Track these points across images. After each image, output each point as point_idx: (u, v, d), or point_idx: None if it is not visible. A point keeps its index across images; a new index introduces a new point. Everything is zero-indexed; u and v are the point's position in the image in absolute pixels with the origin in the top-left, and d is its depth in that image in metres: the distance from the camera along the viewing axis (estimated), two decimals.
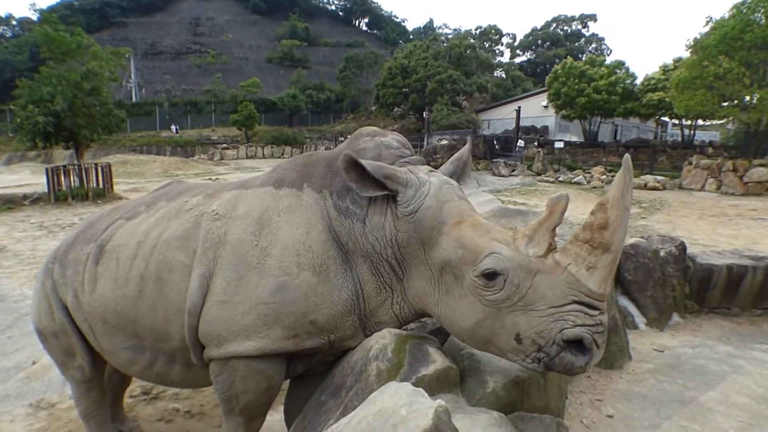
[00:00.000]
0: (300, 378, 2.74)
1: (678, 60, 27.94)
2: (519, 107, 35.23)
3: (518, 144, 31.55)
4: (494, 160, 29.55)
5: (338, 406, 2.20)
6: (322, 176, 2.58)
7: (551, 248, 2.03)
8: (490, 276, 2.05)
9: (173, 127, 49.91)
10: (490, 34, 69.09)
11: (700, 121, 32.27)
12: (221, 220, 2.57)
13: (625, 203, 1.94)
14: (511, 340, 2.05)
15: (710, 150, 29.24)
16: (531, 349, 2.02)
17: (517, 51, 72.67)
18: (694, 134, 34.43)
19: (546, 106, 37.93)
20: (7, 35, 77.75)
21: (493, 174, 26.54)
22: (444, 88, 43.18)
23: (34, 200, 15.96)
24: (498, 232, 2.18)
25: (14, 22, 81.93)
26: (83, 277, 2.84)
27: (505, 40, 72.02)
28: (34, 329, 3.17)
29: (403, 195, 2.32)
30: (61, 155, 33.55)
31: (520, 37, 72.99)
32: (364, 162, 2.28)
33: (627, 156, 1.99)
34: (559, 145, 31.14)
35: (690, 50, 22.61)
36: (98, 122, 20.80)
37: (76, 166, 17.54)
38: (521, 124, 35.02)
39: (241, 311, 2.37)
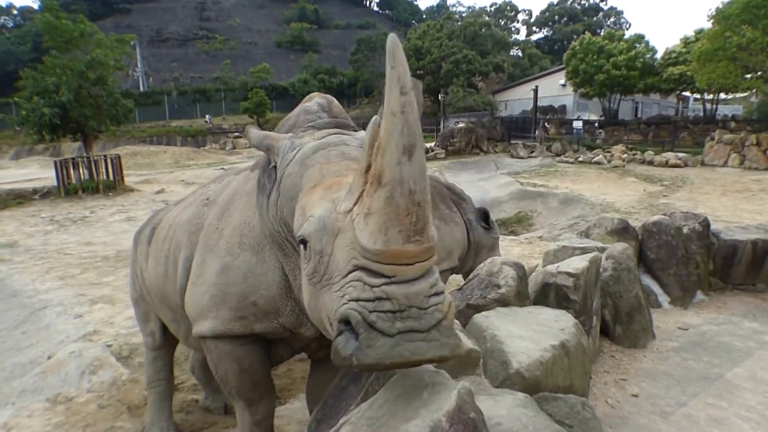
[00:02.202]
0: (319, 363, 2.75)
1: (699, 31, 26.99)
2: (536, 87, 34.29)
3: (575, 126, 29.36)
4: (512, 141, 28.70)
5: (359, 391, 2.16)
6: None
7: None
8: (303, 244, 1.65)
9: (207, 117, 48.84)
10: (506, 11, 67.67)
11: (722, 95, 31.29)
12: (208, 205, 2.67)
13: (391, 107, 1.32)
14: (330, 328, 1.54)
15: (733, 124, 28.19)
16: None
17: (534, 28, 71.23)
18: (717, 109, 33.29)
19: (564, 85, 37.07)
20: (9, 25, 77.47)
21: (512, 156, 26.08)
22: (459, 69, 42.48)
23: (44, 194, 16.01)
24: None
25: (15, 12, 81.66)
26: (144, 254, 3.20)
27: (520, 16, 70.67)
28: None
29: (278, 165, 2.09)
30: (70, 148, 33.66)
31: (536, 13, 72.21)
32: (251, 133, 2.19)
33: (392, 36, 1.37)
34: (578, 125, 29.58)
35: (712, 21, 21.74)
36: (105, 113, 20.71)
37: (85, 159, 17.54)
38: (538, 104, 34.09)
39: (201, 292, 2.41)
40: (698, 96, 33.58)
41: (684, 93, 35.95)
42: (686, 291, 4.23)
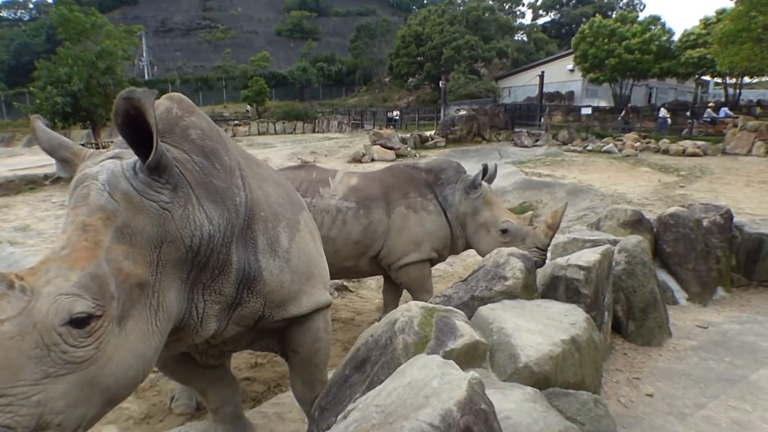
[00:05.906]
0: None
1: (721, 11, 25.55)
2: (542, 72, 32.84)
3: (661, 115, 26.30)
4: (516, 130, 27.46)
5: (363, 381, 2.15)
6: None
7: None
8: None
9: (248, 107, 47.53)
10: None
11: (746, 79, 29.63)
12: None
13: None
14: None
15: (758, 110, 26.44)
16: None
17: (540, 11, 67.84)
18: (740, 93, 31.50)
19: (572, 70, 35.60)
20: (25, 19, 79.09)
21: (516, 145, 24.82)
22: (461, 55, 41.74)
23: (55, 180, 16.24)
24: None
25: (31, 6, 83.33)
26: None
27: (526, 0, 68.05)
28: None
29: None
30: (78, 135, 33.80)
31: None
32: (40, 131, 2.16)
33: None
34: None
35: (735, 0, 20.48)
36: (113, 101, 21.05)
37: (93, 146, 17.68)
38: (544, 90, 32.85)
39: None
40: (719, 80, 31.89)
41: (703, 77, 34.27)
42: (706, 287, 3.98)
